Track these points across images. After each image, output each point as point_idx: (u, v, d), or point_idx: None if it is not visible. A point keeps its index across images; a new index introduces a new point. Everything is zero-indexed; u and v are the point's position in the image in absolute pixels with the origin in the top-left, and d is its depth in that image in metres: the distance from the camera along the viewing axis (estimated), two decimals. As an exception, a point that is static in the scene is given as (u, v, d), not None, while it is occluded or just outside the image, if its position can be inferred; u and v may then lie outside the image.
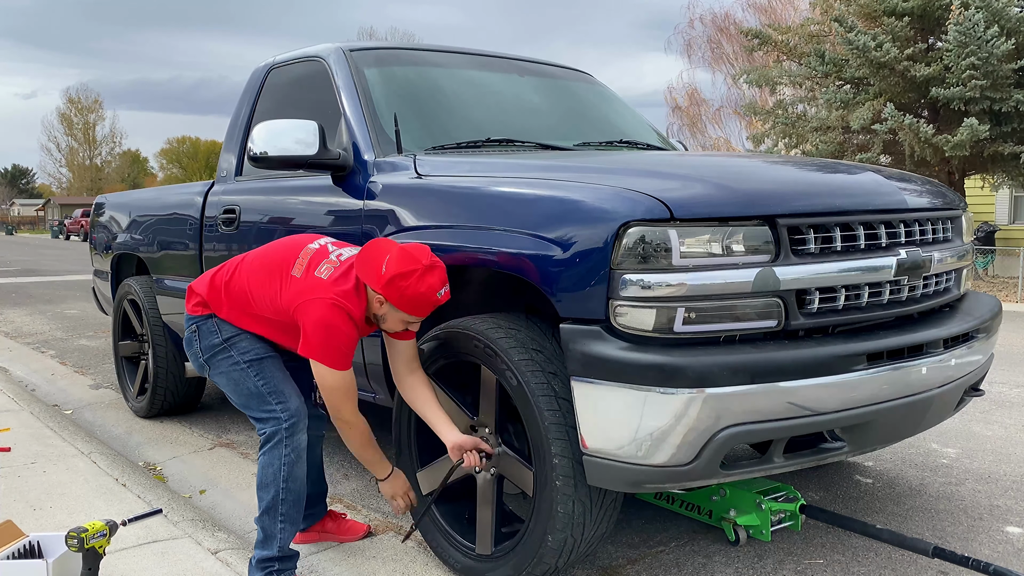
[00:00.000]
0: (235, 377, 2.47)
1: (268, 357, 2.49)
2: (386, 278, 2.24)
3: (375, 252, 2.30)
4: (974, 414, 4.59)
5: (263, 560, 2.40)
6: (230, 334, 2.49)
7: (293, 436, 2.39)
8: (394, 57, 3.56)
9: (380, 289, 2.26)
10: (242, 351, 2.47)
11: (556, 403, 2.18)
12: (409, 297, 2.25)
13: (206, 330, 2.51)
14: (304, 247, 2.46)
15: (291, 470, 2.38)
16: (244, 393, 2.46)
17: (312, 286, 2.33)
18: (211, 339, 2.50)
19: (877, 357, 2.15)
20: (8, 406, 4.69)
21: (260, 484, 2.41)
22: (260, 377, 2.45)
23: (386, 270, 2.24)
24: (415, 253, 2.26)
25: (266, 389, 2.43)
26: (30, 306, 10.38)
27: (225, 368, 2.48)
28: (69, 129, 75.66)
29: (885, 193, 2.39)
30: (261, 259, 2.50)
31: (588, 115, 3.85)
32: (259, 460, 2.42)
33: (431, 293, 2.26)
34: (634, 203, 2.03)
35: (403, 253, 2.26)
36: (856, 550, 2.75)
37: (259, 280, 2.44)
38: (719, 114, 28.10)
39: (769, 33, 15.08)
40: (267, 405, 2.42)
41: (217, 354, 2.49)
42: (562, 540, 2.22)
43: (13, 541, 2.39)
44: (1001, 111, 11.73)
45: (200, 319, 2.53)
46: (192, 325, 2.55)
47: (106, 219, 5.19)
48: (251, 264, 2.50)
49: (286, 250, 2.47)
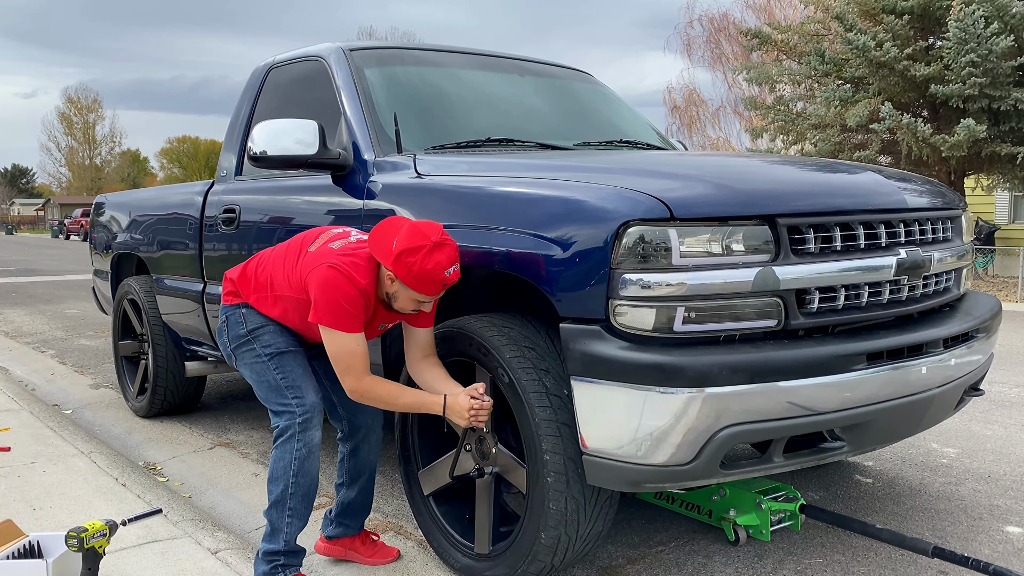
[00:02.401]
0: (257, 369, 2.49)
1: (290, 352, 2.50)
2: (395, 253, 2.23)
3: (387, 228, 2.31)
4: (974, 414, 4.59)
5: (269, 553, 2.41)
6: (255, 325, 2.51)
7: (306, 431, 2.39)
8: (394, 57, 3.56)
9: (389, 264, 2.25)
10: (264, 344, 2.49)
11: (547, 400, 2.18)
12: (416, 274, 2.22)
13: (234, 321, 2.55)
14: (327, 230, 2.51)
15: (302, 465, 2.39)
16: (264, 386, 2.48)
17: (320, 254, 2.37)
18: (237, 330, 2.53)
19: (877, 357, 2.15)
20: (8, 406, 4.69)
21: (271, 477, 2.42)
22: (279, 371, 2.46)
23: (396, 246, 2.23)
24: (425, 230, 2.25)
25: (284, 383, 2.44)
26: (30, 306, 10.38)
27: (249, 360, 2.51)
28: (69, 129, 75.69)
29: (885, 193, 2.39)
30: (288, 243, 2.55)
31: (588, 115, 3.85)
32: (272, 453, 2.43)
33: (438, 271, 2.23)
34: (634, 203, 2.03)
35: (413, 229, 2.25)
36: (856, 550, 2.75)
37: (281, 259, 2.49)
38: (718, 114, 28.12)
39: (769, 33, 15.08)
40: (283, 399, 2.43)
41: (242, 346, 2.53)
42: (555, 537, 2.22)
43: (13, 541, 2.39)
44: (1000, 109, 11.73)
45: (229, 309, 2.57)
46: (223, 316, 2.60)
47: (106, 219, 5.19)
48: (278, 248, 2.56)
49: (310, 233, 2.53)
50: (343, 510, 2.70)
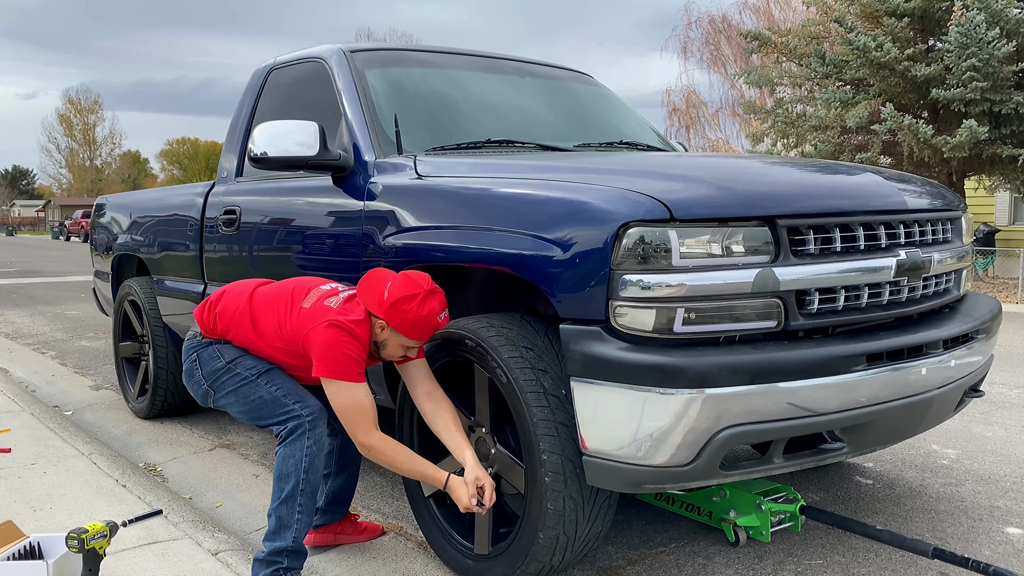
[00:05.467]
0: (244, 392, 2.47)
1: (275, 368, 2.51)
2: (389, 302, 2.31)
3: (376, 279, 2.38)
4: (974, 415, 4.59)
5: (274, 552, 2.39)
6: (233, 356, 2.51)
7: (315, 428, 2.40)
8: (395, 58, 3.57)
9: (382, 313, 2.33)
10: (248, 367, 2.49)
11: (545, 400, 2.19)
12: (411, 321, 2.31)
13: (207, 357, 2.53)
14: (316, 286, 2.52)
15: (312, 462, 2.39)
16: (257, 404, 2.46)
17: (315, 313, 2.39)
18: (213, 364, 2.52)
19: (877, 358, 2.16)
20: (8, 407, 4.69)
21: (280, 475, 2.40)
22: (272, 384, 2.46)
23: (388, 295, 2.32)
24: (416, 279, 2.35)
25: (280, 393, 2.45)
26: (30, 307, 10.38)
27: (232, 386, 2.49)
28: (69, 130, 75.79)
29: (885, 194, 2.39)
30: (272, 291, 2.55)
31: (588, 116, 3.85)
32: (279, 452, 2.41)
33: (432, 317, 2.33)
34: (634, 204, 2.03)
35: (405, 278, 2.34)
36: (856, 551, 2.76)
37: (268, 308, 2.49)
38: (717, 116, 28.11)
39: (768, 35, 15.08)
40: (284, 406, 2.43)
41: (221, 376, 2.50)
42: (554, 537, 2.22)
43: (14, 542, 2.39)
44: (1001, 113, 11.73)
45: (200, 347, 2.55)
46: (192, 354, 2.56)
47: (107, 220, 5.20)
48: (262, 293, 2.55)
49: (298, 285, 2.54)
50: (333, 499, 2.78)
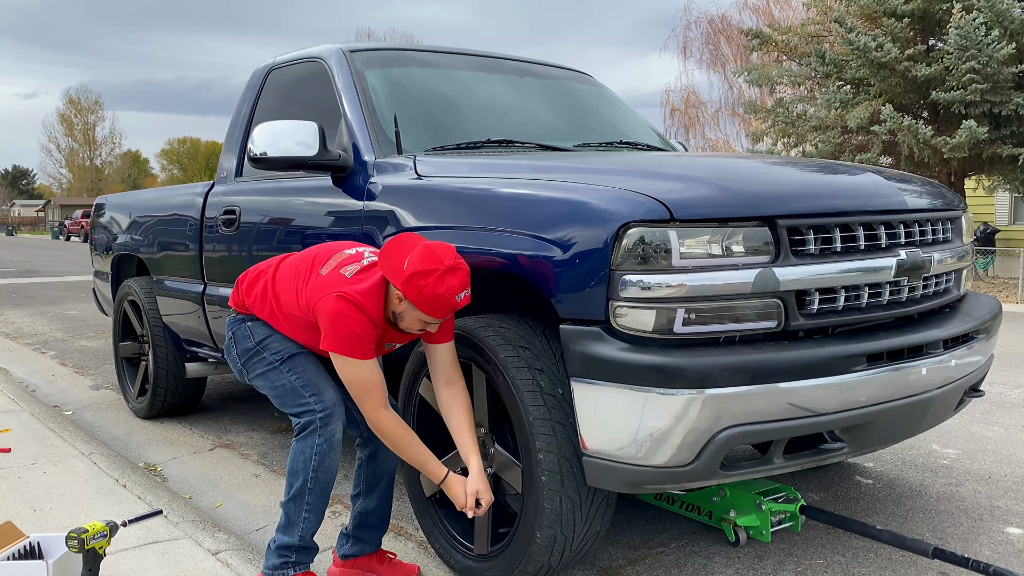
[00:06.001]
0: (271, 377, 2.48)
1: (300, 353, 2.49)
2: (406, 274, 2.20)
3: (399, 247, 2.27)
4: (974, 415, 4.59)
5: (283, 547, 2.39)
6: (262, 336, 2.51)
7: (327, 426, 2.38)
8: (394, 58, 3.57)
9: (399, 285, 2.22)
10: (274, 351, 2.49)
11: (541, 399, 2.18)
12: (427, 297, 2.19)
13: (240, 335, 2.54)
14: (340, 251, 2.45)
15: (322, 460, 2.37)
16: (280, 391, 2.47)
17: (328, 282, 2.32)
18: (245, 343, 2.53)
19: (877, 358, 2.15)
20: (8, 407, 4.69)
21: (290, 471, 2.40)
22: (293, 372, 2.45)
23: (407, 266, 2.20)
24: (439, 252, 2.22)
25: (299, 383, 2.43)
26: (30, 307, 10.38)
27: (260, 370, 2.50)
28: (69, 130, 75.78)
29: (885, 194, 2.39)
30: (297, 258, 2.51)
31: (588, 116, 3.85)
32: (292, 445, 2.41)
33: (449, 295, 2.20)
34: (634, 204, 2.03)
35: (426, 251, 2.22)
36: (856, 551, 2.75)
37: (292, 274, 2.46)
38: (717, 115, 28.10)
39: (769, 33, 15.08)
40: (301, 399, 2.42)
41: (252, 358, 2.52)
42: (551, 537, 2.22)
43: (14, 542, 2.39)
44: (1001, 114, 11.73)
45: (235, 325, 2.57)
46: (230, 332, 2.59)
47: (106, 220, 5.20)
48: (287, 263, 2.53)
49: (322, 250, 2.48)
50: (361, 522, 2.59)
